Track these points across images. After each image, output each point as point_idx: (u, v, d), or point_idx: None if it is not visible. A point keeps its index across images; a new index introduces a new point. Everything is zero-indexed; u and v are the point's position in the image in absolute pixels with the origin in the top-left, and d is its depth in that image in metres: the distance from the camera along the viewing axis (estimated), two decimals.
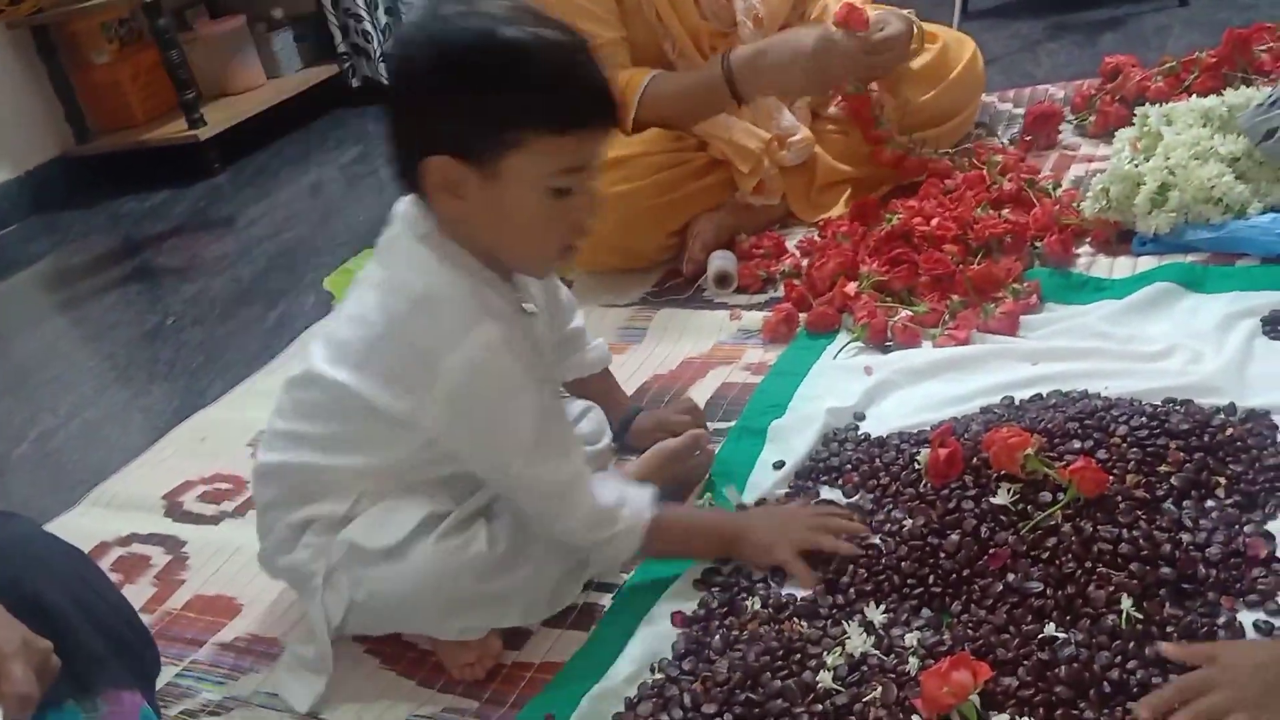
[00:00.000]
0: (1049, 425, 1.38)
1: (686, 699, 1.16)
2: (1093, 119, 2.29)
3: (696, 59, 2.18)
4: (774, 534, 1.33)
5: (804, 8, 2.33)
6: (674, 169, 2.14)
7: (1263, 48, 2.17)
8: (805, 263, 2.02)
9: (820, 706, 1.11)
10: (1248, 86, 1.99)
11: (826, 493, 1.46)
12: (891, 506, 1.37)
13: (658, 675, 1.22)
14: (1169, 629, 1.11)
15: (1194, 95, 2.06)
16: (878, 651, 1.16)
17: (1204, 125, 1.86)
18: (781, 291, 1.97)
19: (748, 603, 1.28)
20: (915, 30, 2.17)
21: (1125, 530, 1.20)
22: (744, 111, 2.15)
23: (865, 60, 2.06)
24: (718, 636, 1.24)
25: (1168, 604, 1.13)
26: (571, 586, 1.35)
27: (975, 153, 2.20)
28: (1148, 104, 2.00)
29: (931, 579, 1.25)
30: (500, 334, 1.19)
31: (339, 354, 1.27)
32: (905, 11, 2.21)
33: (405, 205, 1.26)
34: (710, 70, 2.09)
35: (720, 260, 2.08)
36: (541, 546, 1.29)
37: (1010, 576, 1.20)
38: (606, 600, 1.37)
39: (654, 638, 1.27)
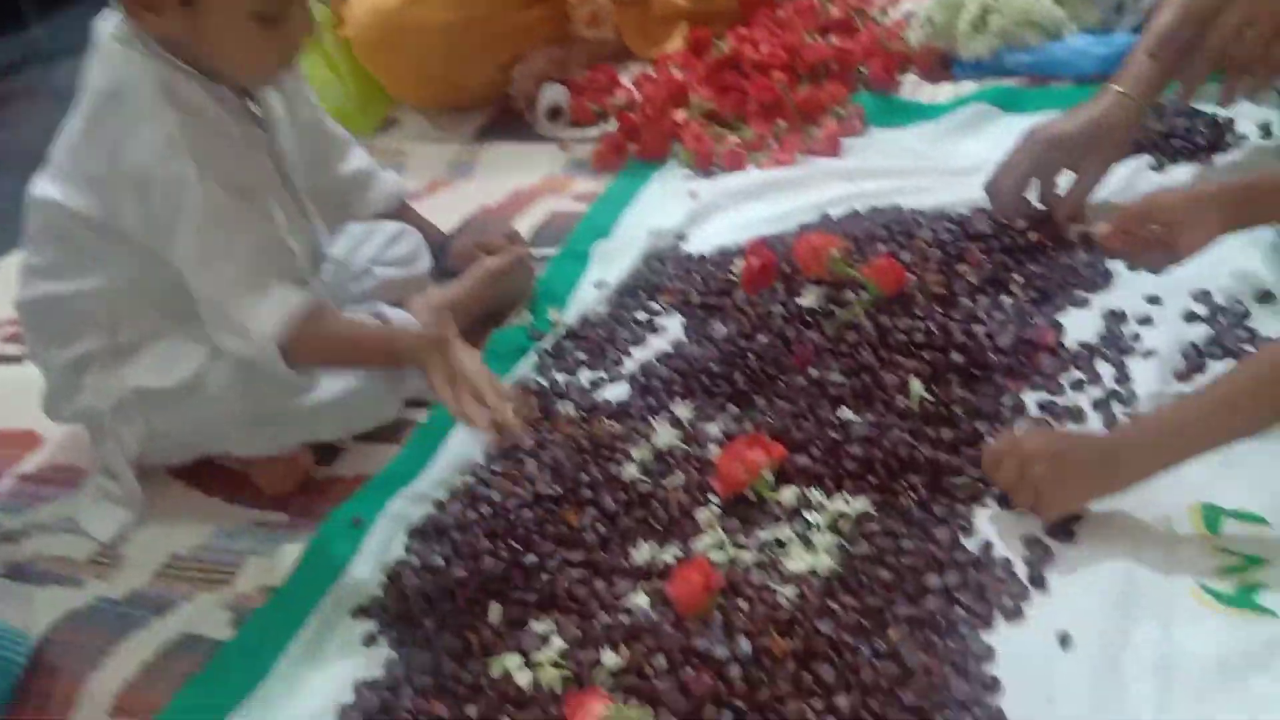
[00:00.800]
0: (857, 232, 1.40)
1: (495, 496, 1.16)
2: None
3: None
4: (429, 349, 1.17)
5: None
6: (500, 1, 2.07)
7: None
8: (639, 95, 1.99)
9: (625, 495, 1.13)
10: None
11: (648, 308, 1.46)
12: (705, 316, 1.38)
13: (468, 478, 1.22)
14: (956, 409, 1.15)
15: None
16: (684, 444, 1.18)
17: None
18: (614, 125, 1.94)
19: (560, 408, 1.29)
20: None
21: (921, 322, 1.23)
22: None
23: None
24: (530, 440, 1.24)
25: (957, 387, 1.17)
26: (389, 401, 1.33)
27: None
28: None
29: (740, 378, 1.26)
30: (178, 126, 1.11)
31: (49, 172, 1.21)
32: None
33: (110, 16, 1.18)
34: None
35: (552, 93, 2.03)
36: None
37: (814, 371, 1.23)
38: (424, 416, 1.36)
39: (467, 445, 1.27)
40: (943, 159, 1.64)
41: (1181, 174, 1.48)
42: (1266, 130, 1.50)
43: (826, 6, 2.02)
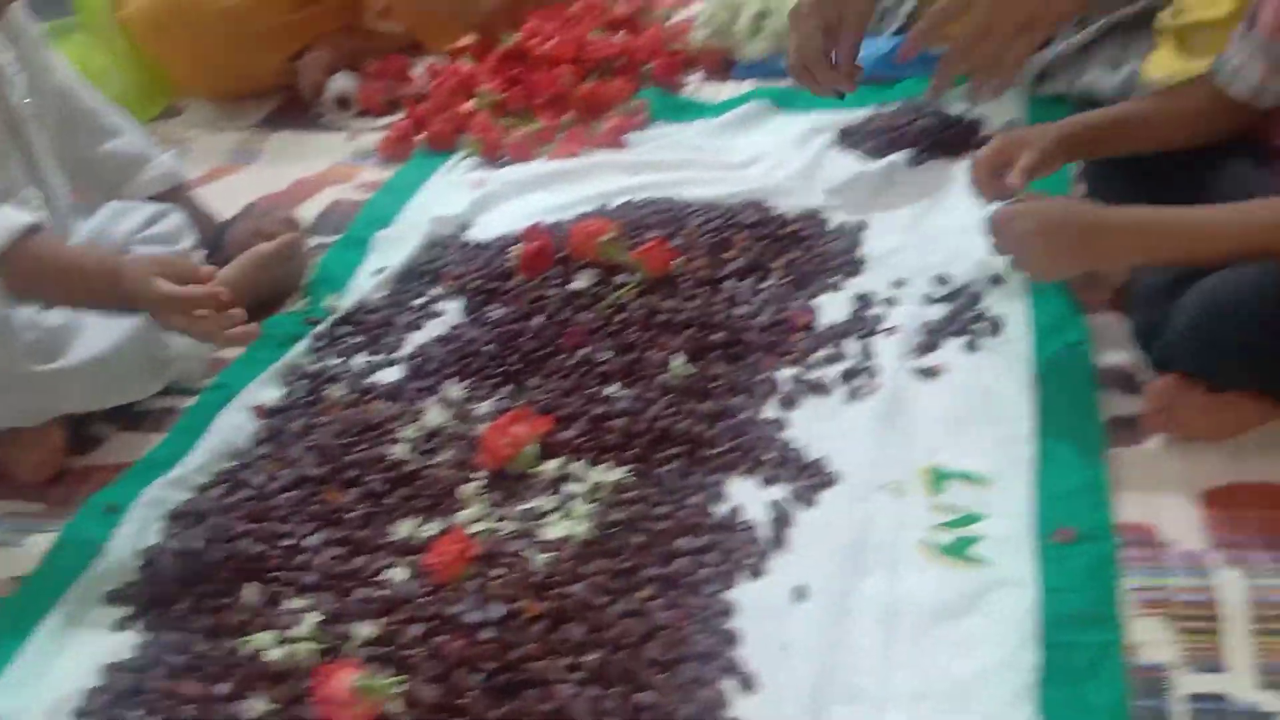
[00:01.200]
0: (631, 219, 1.45)
1: (258, 480, 1.15)
2: None
3: None
4: (152, 267, 1.17)
5: None
6: None
7: None
8: (429, 85, 1.99)
9: (392, 474, 1.13)
10: None
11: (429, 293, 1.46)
12: (483, 300, 1.40)
13: (232, 463, 1.20)
14: (715, 385, 1.20)
15: None
16: (454, 422, 1.19)
17: None
18: (404, 115, 1.94)
19: (331, 390, 1.28)
20: None
21: (685, 302, 1.28)
22: None
23: None
24: (298, 423, 1.24)
25: (718, 364, 1.23)
26: (146, 376, 1.30)
27: None
28: None
29: (514, 359, 1.29)
30: None
31: None
32: None
33: None
34: None
35: (340, 82, 2.02)
36: (104, 327, 1.22)
37: (584, 351, 1.26)
38: (190, 403, 1.33)
39: (233, 430, 1.25)
40: (720, 153, 1.71)
41: (935, 169, 1.58)
42: (1012, 127, 1.61)
43: (613, 4, 2.06)
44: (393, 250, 1.56)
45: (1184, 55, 1.40)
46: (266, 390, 1.31)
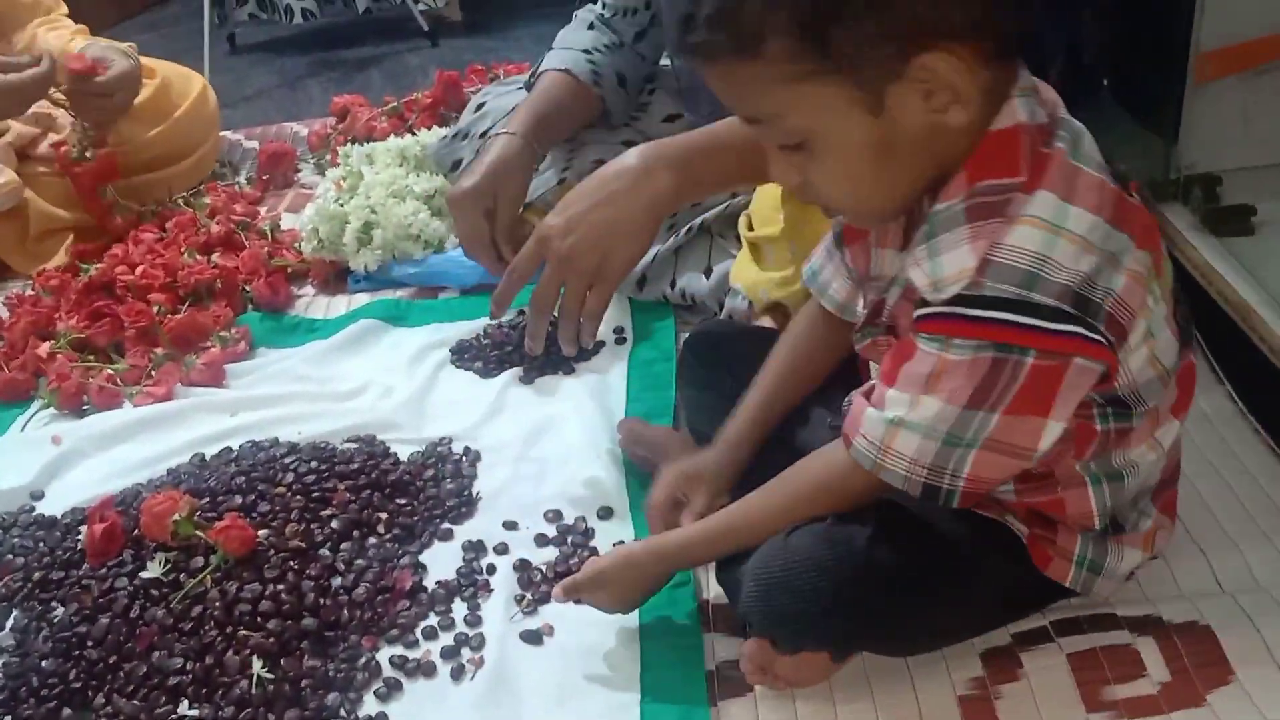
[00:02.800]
0: (214, 484, 1.32)
1: None
2: (329, 158, 2.30)
3: None
4: None
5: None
6: None
7: (473, 89, 2.32)
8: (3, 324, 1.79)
9: None
10: None
11: None
12: (50, 599, 1.23)
13: None
14: (304, 683, 1.09)
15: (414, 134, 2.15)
16: None
17: (400, 164, 1.94)
18: None
19: None
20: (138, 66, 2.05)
21: (271, 586, 1.17)
22: None
23: (96, 104, 1.94)
24: None
25: (307, 657, 1.12)
26: None
27: (210, 194, 2.12)
28: (353, 144, 2.04)
29: (74, 673, 1.12)
30: None
31: None
32: (125, 46, 2.07)
33: None
34: None
35: None
36: None
37: (155, 655, 1.12)
38: None
39: None
40: (327, 382, 1.61)
41: (548, 386, 1.55)
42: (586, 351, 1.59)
43: (206, 222, 1.95)
44: None
45: (757, 264, 1.46)
46: None
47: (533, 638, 1.13)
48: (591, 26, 1.73)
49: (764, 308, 1.43)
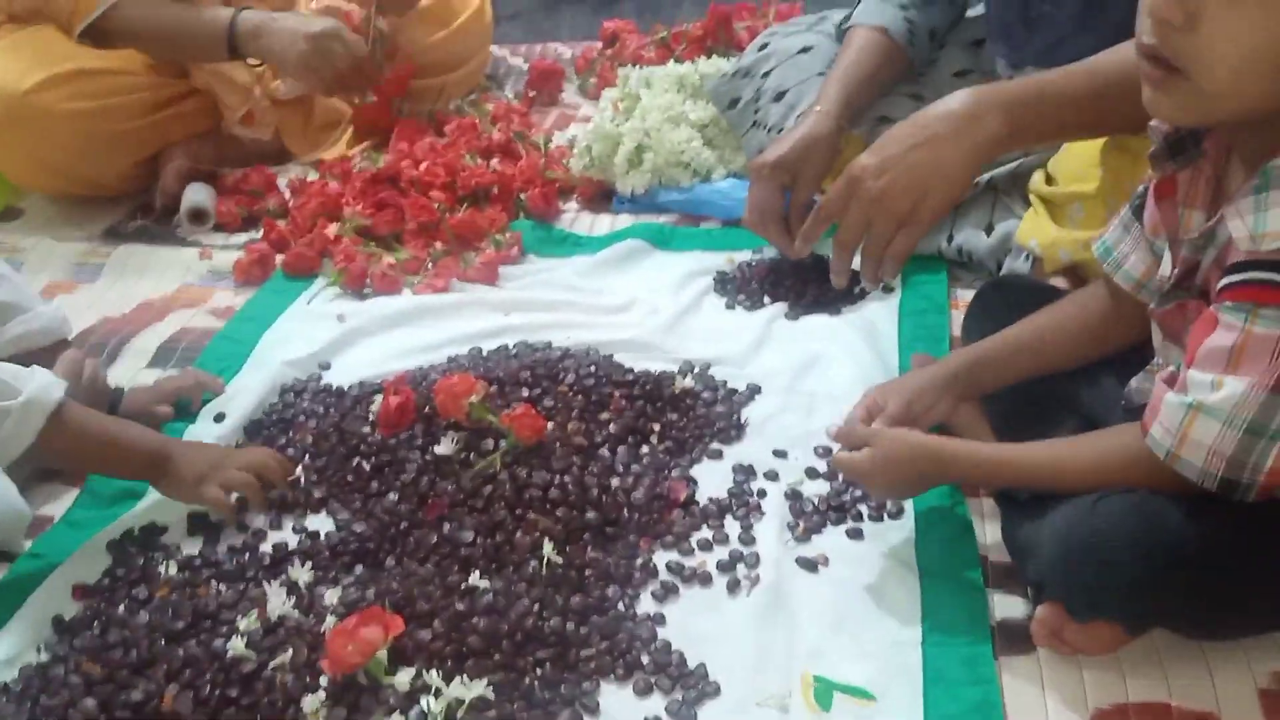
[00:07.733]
0: (502, 373, 1.37)
1: (74, 679, 1.02)
2: (593, 81, 2.34)
3: None
4: (205, 466, 1.22)
5: None
6: (144, 92, 1.92)
7: (743, 25, 2.32)
8: (292, 202, 1.89)
9: (225, 675, 1.01)
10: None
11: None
12: (341, 460, 1.30)
13: (44, 655, 1.07)
14: (588, 573, 1.12)
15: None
16: (297, 612, 1.08)
17: (679, 91, 1.95)
18: (262, 234, 1.83)
19: (161, 568, 1.16)
20: None
21: (558, 476, 1.21)
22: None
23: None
24: (122, 607, 1.11)
25: (590, 548, 1.15)
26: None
27: (480, 104, 2.18)
28: (633, 67, 2.06)
29: (369, 532, 1.19)
30: None
31: None
32: None
33: None
34: (213, 17, 1.86)
35: (195, 194, 1.90)
36: None
37: (446, 527, 1.17)
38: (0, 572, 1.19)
39: (46, 612, 1.11)
40: (595, 295, 1.65)
41: (814, 325, 1.55)
42: (888, 287, 1.59)
43: (488, 128, 2.00)
44: (238, 394, 1.45)
45: (1056, 223, 1.41)
46: (86, 561, 1.18)
47: (808, 565, 1.14)
48: None
49: (1058, 268, 1.39)
